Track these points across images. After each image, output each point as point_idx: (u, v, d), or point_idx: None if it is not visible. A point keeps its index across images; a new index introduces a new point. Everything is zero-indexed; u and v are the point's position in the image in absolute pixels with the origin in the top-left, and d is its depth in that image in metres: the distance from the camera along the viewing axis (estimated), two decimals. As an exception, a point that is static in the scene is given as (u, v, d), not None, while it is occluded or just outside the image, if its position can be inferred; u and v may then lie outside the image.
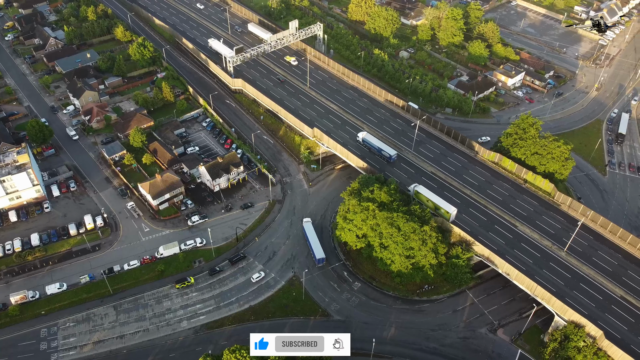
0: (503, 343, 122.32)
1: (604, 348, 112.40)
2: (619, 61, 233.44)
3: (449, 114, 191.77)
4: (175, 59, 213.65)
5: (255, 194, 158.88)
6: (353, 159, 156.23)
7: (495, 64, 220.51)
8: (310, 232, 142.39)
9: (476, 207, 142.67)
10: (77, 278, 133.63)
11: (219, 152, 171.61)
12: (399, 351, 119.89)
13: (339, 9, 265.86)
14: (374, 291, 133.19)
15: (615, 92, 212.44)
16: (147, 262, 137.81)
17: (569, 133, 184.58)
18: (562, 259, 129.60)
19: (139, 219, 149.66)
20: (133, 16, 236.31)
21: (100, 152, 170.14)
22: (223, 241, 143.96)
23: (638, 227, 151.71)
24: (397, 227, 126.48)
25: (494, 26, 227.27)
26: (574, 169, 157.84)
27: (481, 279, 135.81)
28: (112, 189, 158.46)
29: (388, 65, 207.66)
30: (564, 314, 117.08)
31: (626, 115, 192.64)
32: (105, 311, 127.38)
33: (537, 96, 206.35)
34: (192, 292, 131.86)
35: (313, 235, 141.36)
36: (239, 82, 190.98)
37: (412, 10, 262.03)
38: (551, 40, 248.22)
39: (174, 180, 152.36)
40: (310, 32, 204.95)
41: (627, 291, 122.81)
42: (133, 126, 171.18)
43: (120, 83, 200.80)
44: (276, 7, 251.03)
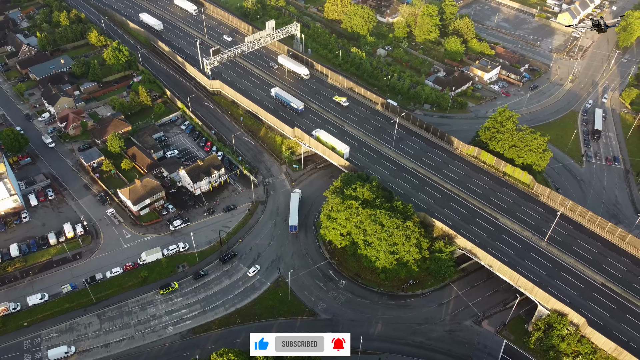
0: (488, 334, 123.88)
1: (587, 335, 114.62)
2: (592, 53, 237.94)
3: (427, 110, 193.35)
4: (152, 62, 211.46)
5: (238, 196, 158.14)
6: (335, 158, 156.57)
7: (471, 59, 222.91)
8: (294, 202, 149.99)
9: (457, 201, 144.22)
10: (59, 288, 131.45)
11: (199, 154, 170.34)
12: (386, 347, 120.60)
13: (315, 8, 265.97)
14: (360, 288, 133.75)
15: (589, 83, 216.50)
16: (129, 268, 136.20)
17: (545, 125, 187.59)
18: (543, 249, 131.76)
19: (119, 226, 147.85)
20: (107, 20, 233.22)
21: (77, 159, 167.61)
22: (206, 245, 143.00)
23: (616, 215, 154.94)
24: (381, 224, 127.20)
25: (469, 22, 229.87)
26: (551, 160, 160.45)
27: (465, 271, 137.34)
28: (91, 196, 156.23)
29: (366, 64, 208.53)
30: (546, 303, 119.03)
31: (600, 111, 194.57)
32: (88, 320, 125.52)
33: (513, 90, 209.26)
34: (177, 297, 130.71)
35: (295, 205, 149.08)
36: (217, 84, 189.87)
37: (387, 7, 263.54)
38: (525, 34, 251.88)
39: (154, 185, 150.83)
40: (288, 32, 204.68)
41: (608, 278, 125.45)
42: (110, 132, 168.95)
43: (96, 88, 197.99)
44: (252, 8, 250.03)
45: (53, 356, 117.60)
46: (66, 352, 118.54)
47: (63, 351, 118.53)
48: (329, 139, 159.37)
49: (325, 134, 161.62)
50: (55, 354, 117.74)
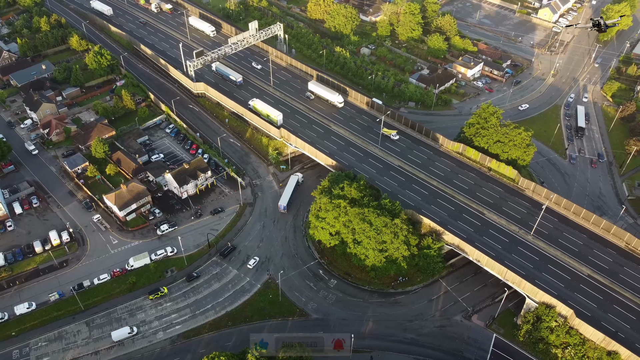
0: (478, 328, 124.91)
1: (576, 326, 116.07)
2: (573, 47, 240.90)
3: (412, 107, 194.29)
4: (134, 65, 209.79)
5: (225, 198, 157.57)
6: (322, 158, 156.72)
7: (454, 56, 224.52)
8: (291, 184, 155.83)
9: (444, 197, 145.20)
10: (46, 296, 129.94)
11: (185, 158, 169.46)
12: (377, 344, 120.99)
13: (298, 8, 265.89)
14: (350, 287, 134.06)
15: (571, 77, 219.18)
16: (117, 275, 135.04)
17: (528, 120, 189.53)
18: (529, 243, 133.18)
19: (106, 232, 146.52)
20: (88, 24, 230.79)
21: (61, 166, 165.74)
22: (195, 248, 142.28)
23: (600, 207, 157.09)
24: (369, 222, 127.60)
25: (451, 19, 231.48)
26: (535, 155, 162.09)
27: (453, 267, 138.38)
28: (76, 203, 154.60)
29: (350, 63, 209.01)
30: (534, 296, 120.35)
31: (582, 109, 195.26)
32: (77, 328, 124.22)
33: (497, 85, 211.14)
34: (166, 302, 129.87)
35: (290, 187, 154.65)
36: (201, 86, 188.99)
37: (370, 6, 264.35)
38: (507, 30, 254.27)
39: (140, 190, 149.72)
40: (271, 32, 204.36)
41: (594, 269, 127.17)
42: (94, 137, 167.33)
43: (79, 93, 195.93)
44: (234, 9, 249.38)
45: (117, 337, 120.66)
46: (129, 333, 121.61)
47: (126, 332, 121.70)
48: (264, 108, 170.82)
49: (260, 103, 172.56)
50: (119, 335, 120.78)
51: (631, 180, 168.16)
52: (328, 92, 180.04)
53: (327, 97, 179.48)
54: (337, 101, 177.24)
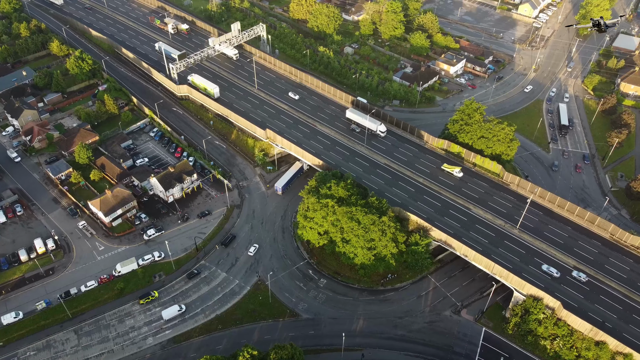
0: (467, 323, 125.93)
1: (563, 318, 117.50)
2: (553, 42, 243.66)
3: (396, 105, 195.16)
4: (116, 69, 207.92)
5: (212, 201, 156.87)
6: (308, 157, 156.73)
7: (436, 54, 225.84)
8: (292, 169, 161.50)
9: (430, 193, 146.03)
10: (33, 305, 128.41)
11: (170, 161, 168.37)
12: (368, 342, 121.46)
13: (280, 9, 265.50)
14: (340, 286, 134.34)
15: (552, 72, 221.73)
16: (105, 281, 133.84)
17: (511, 115, 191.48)
18: (515, 236, 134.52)
19: (92, 238, 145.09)
20: (68, 29, 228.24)
21: (45, 173, 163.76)
22: (182, 252, 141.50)
23: (584, 199, 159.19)
24: (357, 221, 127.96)
25: (433, 16, 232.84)
26: (519, 149, 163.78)
27: (441, 262, 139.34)
28: (61, 210, 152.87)
29: (334, 62, 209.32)
30: (522, 289, 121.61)
31: (564, 107, 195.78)
32: (66, 336, 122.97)
33: (479, 82, 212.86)
34: (155, 307, 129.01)
35: (291, 172, 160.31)
36: (184, 89, 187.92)
37: (352, 5, 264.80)
38: (488, 26, 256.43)
39: (126, 195, 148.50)
40: (254, 33, 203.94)
41: (579, 261, 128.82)
42: (77, 142, 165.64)
43: (60, 99, 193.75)
44: (216, 11, 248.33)
45: (167, 316, 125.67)
46: (179, 310, 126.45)
47: (176, 310, 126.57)
48: (202, 82, 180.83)
49: (198, 78, 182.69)
50: (170, 314, 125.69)
51: (614, 172, 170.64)
52: (368, 119, 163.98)
53: (368, 126, 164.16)
54: (380, 130, 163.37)
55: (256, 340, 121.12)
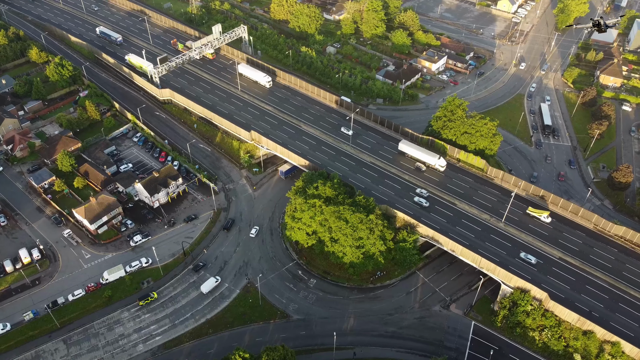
0: (457, 317, 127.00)
1: (551, 309, 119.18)
2: (532, 36, 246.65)
3: (380, 104, 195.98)
4: (97, 75, 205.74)
5: (199, 204, 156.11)
6: (294, 158, 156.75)
7: (418, 51, 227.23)
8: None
9: (415, 190, 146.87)
10: (20, 316, 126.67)
11: (154, 166, 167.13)
12: (359, 340, 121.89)
13: (261, 10, 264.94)
14: (330, 285, 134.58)
15: (532, 66, 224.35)
16: (92, 289, 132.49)
17: (493, 110, 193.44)
18: (501, 230, 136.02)
19: (78, 246, 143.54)
20: (47, 36, 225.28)
21: (27, 182, 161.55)
22: (170, 258, 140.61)
23: (567, 191, 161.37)
24: (345, 220, 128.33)
25: (413, 14, 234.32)
26: (502, 143, 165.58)
27: (429, 258, 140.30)
28: (45, 219, 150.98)
29: (317, 62, 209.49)
30: (509, 282, 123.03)
31: (546, 106, 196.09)
32: (55, 346, 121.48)
33: (461, 78, 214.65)
34: (144, 313, 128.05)
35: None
36: (166, 92, 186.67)
37: (333, 5, 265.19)
38: (468, 22, 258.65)
39: (110, 201, 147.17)
40: (235, 35, 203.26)
41: (564, 252, 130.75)
42: (60, 150, 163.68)
43: (41, 107, 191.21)
44: (197, 13, 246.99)
45: (207, 289, 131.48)
46: (216, 281, 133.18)
47: (213, 282, 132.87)
48: (137, 60, 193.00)
49: (134, 57, 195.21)
50: (208, 287, 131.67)
51: (596, 163, 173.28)
52: (424, 153, 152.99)
53: (426, 160, 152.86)
54: (440, 165, 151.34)
55: (247, 343, 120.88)
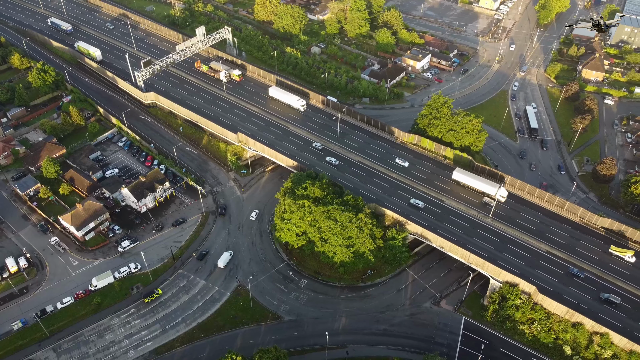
0: (447, 313, 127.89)
1: (539, 302, 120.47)
2: (515, 33, 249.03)
3: (366, 103, 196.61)
4: (80, 80, 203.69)
5: (186, 208, 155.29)
6: (282, 159, 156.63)
7: (402, 50, 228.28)
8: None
9: (404, 188, 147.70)
10: (9, 325, 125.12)
11: (141, 170, 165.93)
12: (352, 339, 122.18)
13: (244, 11, 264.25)
14: (321, 285, 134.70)
15: (515, 62, 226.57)
16: (81, 296, 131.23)
17: (478, 106, 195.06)
18: (489, 225, 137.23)
19: (65, 254, 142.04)
20: (28, 41, 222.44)
21: (12, 190, 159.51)
22: (159, 262, 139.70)
23: (553, 185, 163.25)
24: (334, 219, 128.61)
25: (397, 13, 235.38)
26: (487, 140, 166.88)
27: (418, 255, 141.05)
28: (31, 226, 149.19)
29: (302, 62, 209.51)
30: (498, 276, 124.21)
31: (531, 108, 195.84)
32: (44, 355, 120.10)
33: (445, 75, 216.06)
34: (134, 319, 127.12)
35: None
36: (151, 96, 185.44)
37: (316, 5, 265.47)
38: (451, 20, 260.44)
39: (97, 207, 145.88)
40: (219, 36, 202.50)
41: (552, 245, 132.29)
42: (44, 157, 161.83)
43: (24, 113, 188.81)
44: (180, 15, 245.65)
45: (222, 263, 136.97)
46: (230, 254, 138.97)
47: (228, 256, 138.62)
48: (85, 47, 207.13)
49: (83, 44, 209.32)
50: (224, 260, 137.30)
51: (580, 157, 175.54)
52: (483, 182, 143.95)
53: (485, 190, 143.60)
54: (501, 195, 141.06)
55: (240, 345, 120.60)
